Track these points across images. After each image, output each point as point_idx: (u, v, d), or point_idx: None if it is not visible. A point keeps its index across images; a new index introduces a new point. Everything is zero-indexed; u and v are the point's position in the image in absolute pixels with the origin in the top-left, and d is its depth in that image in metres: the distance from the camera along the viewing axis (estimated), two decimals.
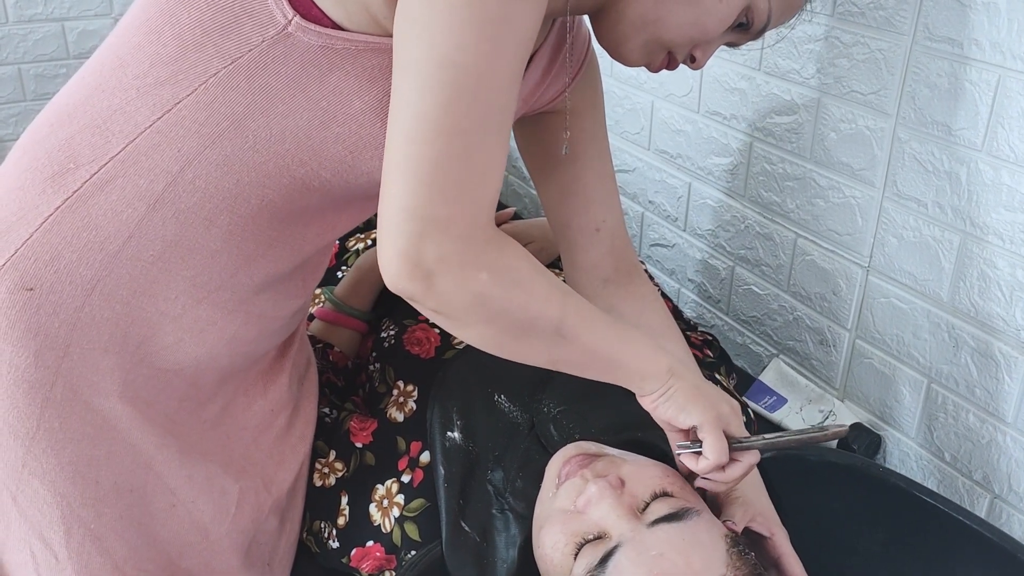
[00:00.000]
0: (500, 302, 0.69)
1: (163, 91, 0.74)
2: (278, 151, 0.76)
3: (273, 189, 0.78)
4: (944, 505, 0.99)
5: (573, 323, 0.73)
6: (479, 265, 0.67)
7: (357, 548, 0.94)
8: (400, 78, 0.65)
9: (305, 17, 0.71)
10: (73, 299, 0.77)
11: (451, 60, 0.63)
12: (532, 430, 0.94)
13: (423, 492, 0.92)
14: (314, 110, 0.74)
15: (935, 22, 1.01)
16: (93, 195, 0.75)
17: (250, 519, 0.94)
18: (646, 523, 0.75)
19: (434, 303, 0.68)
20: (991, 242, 1.01)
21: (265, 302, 0.87)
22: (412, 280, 0.66)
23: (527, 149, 0.99)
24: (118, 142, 0.75)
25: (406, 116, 0.64)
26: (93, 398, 0.81)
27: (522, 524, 0.87)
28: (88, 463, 0.82)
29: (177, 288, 0.80)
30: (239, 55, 0.72)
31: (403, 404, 0.99)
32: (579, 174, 0.96)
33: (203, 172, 0.76)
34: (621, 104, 1.54)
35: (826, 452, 1.12)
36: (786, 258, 1.29)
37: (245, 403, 0.94)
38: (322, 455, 1.00)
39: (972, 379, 1.06)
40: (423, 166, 0.64)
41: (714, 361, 1.13)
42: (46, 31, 2.07)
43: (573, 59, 0.91)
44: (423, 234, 0.64)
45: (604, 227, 0.98)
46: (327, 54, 0.72)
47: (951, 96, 1.01)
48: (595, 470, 0.81)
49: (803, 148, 1.21)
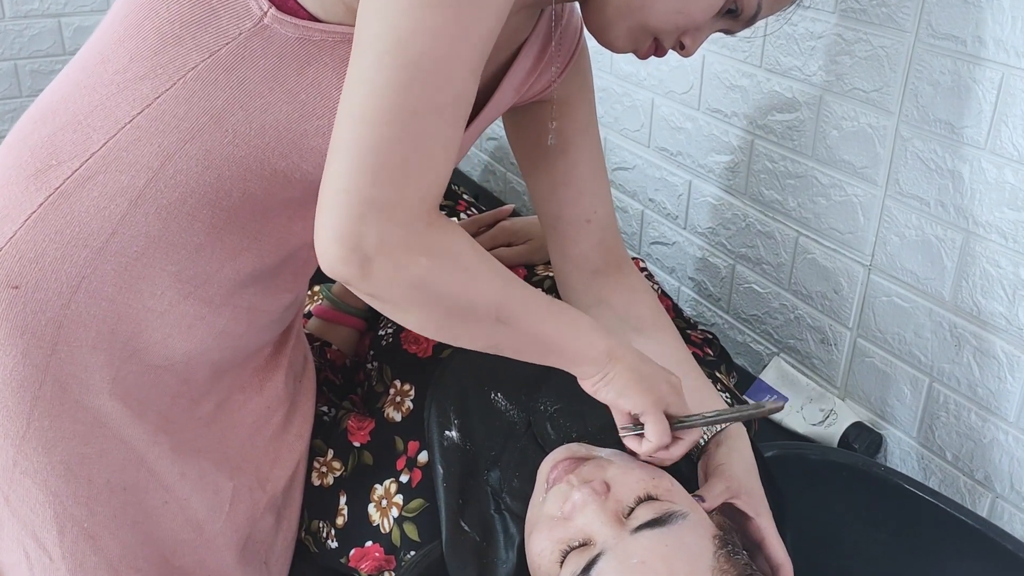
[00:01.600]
0: (439, 287, 0.68)
1: (142, 86, 0.74)
2: (258, 145, 0.75)
3: (254, 182, 0.78)
4: (945, 504, 0.99)
5: (512, 307, 0.72)
6: (419, 250, 0.66)
7: (356, 548, 0.93)
8: (355, 57, 0.64)
9: (281, 9, 0.70)
10: (59, 296, 0.77)
11: (407, 42, 0.62)
12: (529, 428, 0.93)
13: (422, 492, 0.92)
14: (293, 103, 0.74)
15: (938, 19, 1.00)
16: (75, 191, 0.75)
17: (245, 516, 0.93)
18: (630, 529, 0.75)
19: (370, 287, 0.66)
20: (994, 241, 1.00)
21: (254, 295, 0.87)
22: (349, 264, 0.65)
23: (517, 140, 0.98)
24: (99, 138, 0.75)
25: (357, 96, 0.64)
26: (83, 396, 0.80)
27: (520, 524, 0.87)
28: (80, 461, 0.81)
29: (163, 284, 0.80)
30: (217, 48, 0.72)
31: (400, 404, 0.98)
32: (570, 165, 0.95)
33: (184, 167, 0.75)
34: (621, 101, 1.54)
35: (827, 451, 1.12)
36: (787, 256, 1.28)
37: (241, 400, 0.93)
38: (320, 454, 0.99)
39: (974, 378, 1.06)
40: (369, 147, 0.63)
41: (714, 360, 1.13)
42: (42, 27, 2.06)
43: (563, 48, 0.90)
44: (363, 217, 0.63)
45: (595, 218, 0.97)
46: (304, 46, 0.71)
47: (954, 94, 1.00)
48: (580, 475, 0.80)
49: (805, 146, 1.21)
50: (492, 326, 0.72)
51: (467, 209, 1.37)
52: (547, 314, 0.75)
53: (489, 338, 0.74)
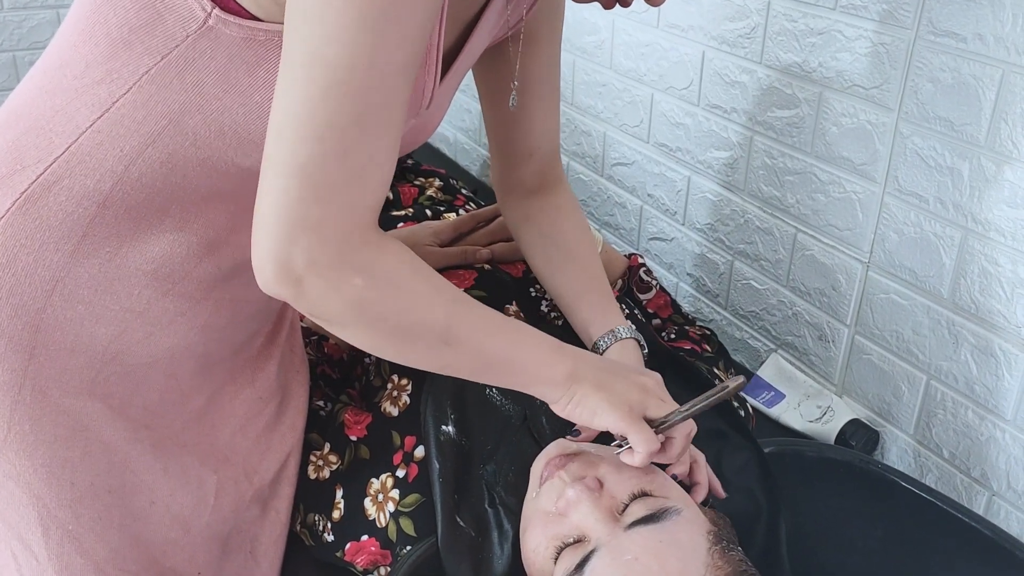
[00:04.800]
0: (377, 307, 0.67)
1: (100, 90, 0.73)
2: (219, 146, 0.75)
3: (221, 180, 0.77)
4: (942, 502, 0.98)
5: (460, 328, 0.71)
6: (352, 269, 0.65)
7: (352, 542, 0.93)
8: (280, 72, 0.63)
9: (224, 9, 0.69)
10: (34, 301, 0.76)
11: (322, 54, 0.60)
12: (525, 422, 0.93)
13: (418, 487, 0.92)
14: (248, 104, 0.73)
15: (939, 16, 1.00)
16: (42, 196, 0.75)
17: (230, 509, 0.93)
18: (623, 526, 0.75)
19: (307, 307, 0.66)
20: (993, 238, 1.00)
21: (235, 287, 0.86)
22: (282, 284, 0.64)
23: (481, 76, 0.98)
24: (61, 143, 0.74)
25: (278, 111, 0.62)
26: (63, 399, 0.80)
27: (514, 520, 0.87)
28: (62, 465, 0.81)
29: (139, 283, 0.79)
30: (167, 51, 0.71)
31: (397, 398, 0.98)
32: (525, 103, 0.95)
33: (148, 170, 0.75)
34: (620, 97, 1.53)
35: (824, 448, 1.12)
36: (786, 253, 1.28)
37: (232, 391, 0.93)
38: (316, 447, 0.99)
39: (972, 376, 1.06)
40: (294, 165, 0.61)
41: (712, 356, 1.13)
42: (41, 18, 2.06)
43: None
44: (292, 237, 0.62)
45: (537, 153, 0.99)
46: (251, 46, 0.70)
47: (954, 91, 1.00)
48: (571, 471, 0.80)
49: (804, 142, 1.21)
50: (439, 347, 0.71)
51: (465, 204, 1.37)
52: (500, 334, 0.74)
53: (438, 359, 0.72)
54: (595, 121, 1.61)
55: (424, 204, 1.36)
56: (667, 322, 1.18)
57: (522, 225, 1.03)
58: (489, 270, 1.09)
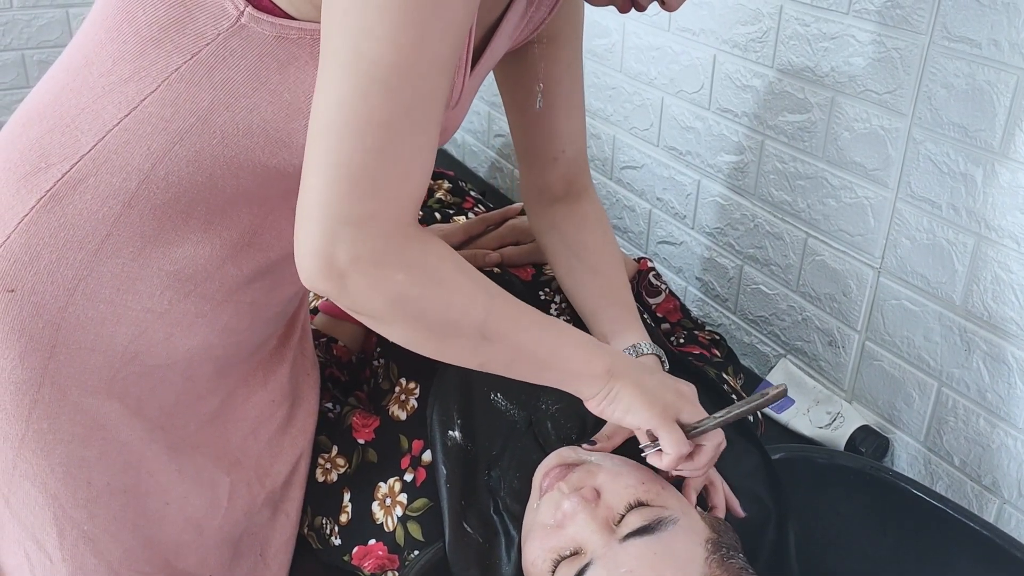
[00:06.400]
0: (419, 303, 0.67)
1: (127, 89, 0.73)
2: (247, 145, 0.75)
3: (247, 179, 0.77)
4: (952, 510, 0.98)
5: (500, 323, 0.71)
6: (396, 265, 0.65)
7: (359, 546, 0.93)
8: (320, 69, 0.63)
9: (257, 7, 0.69)
10: (56, 299, 0.76)
11: (364, 50, 0.60)
12: (530, 428, 0.93)
13: (426, 491, 0.91)
14: (278, 103, 0.73)
15: (953, 21, 0.99)
16: (67, 194, 0.75)
17: (242, 511, 0.93)
18: (619, 538, 0.74)
19: (349, 302, 0.66)
20: (1006, 245, 1.00)
21: (257, 291, 0.86)
22: (326, 279, 0.64)
23: (504, 82, 0.98)
24: (87, 141, 0.74)
25: (320, 108, 0.62)
26: (82, 398, 0.80)
27: (517, 525, 0.86)
28: (79, 464, 0.81)
29: (162, 284, 0.79)
30: (197, 49, 0.71)
31: (405, 402, 0.98)
32: (548, 105, 0.95)
33: (175, 168, 0.75)
34: (631, 100, 1.53)
35: (835, 455, 1.11)
36: (796, 258, 1.28)
37: (245, 394, 0.93)
38: (324, 450, 0.99)
39: (983, 383, 1.05)
40: (338, 161, 0.62)
41: (721, 361, 1.12)
42: (50, 17, 2.06)
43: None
44: (336, 233, 0.62)
45: (562, 157, 0.99)
46: (283, 44, 0.70)
47: (968, 97, 1.00)
48: (571, 482, 0.80)
49: (816, 147, 1.20)
50: (478, 342, 0.71)
51: (474, 207, 1.37)
52: (538, 331, 0.74)
53: (476, 355, 0.72)
54: (605, 124, 1.61)
55: (433, 207, 1.36)
56: (676, 326, 1.17)
57: (547, 233, 1.02)
58: (499, 273, 1.09)
